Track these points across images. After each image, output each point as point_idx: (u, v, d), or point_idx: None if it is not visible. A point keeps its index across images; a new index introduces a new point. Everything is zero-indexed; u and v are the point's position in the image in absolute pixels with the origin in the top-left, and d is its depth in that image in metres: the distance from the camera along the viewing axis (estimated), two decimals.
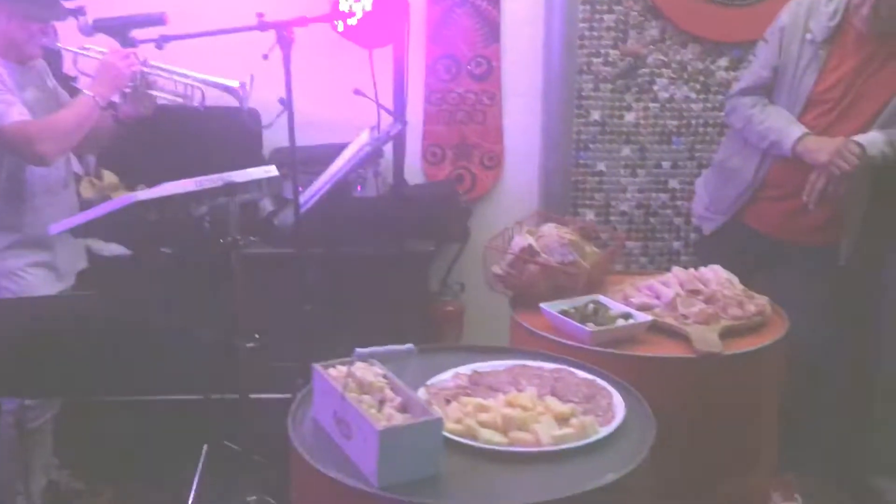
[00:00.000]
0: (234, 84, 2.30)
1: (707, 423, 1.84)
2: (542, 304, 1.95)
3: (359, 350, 1.34)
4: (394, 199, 2.88)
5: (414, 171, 3.20)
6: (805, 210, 2.40)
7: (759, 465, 2.03)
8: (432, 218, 3.00)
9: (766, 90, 2.50)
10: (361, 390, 1.40)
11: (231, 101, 2.58)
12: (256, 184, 2.28)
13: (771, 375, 1.95)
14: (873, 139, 2.35)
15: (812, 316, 2.50)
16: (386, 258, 2.83)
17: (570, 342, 1.84)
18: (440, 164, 3.23)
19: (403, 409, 1.36)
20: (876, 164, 2.35)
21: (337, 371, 1.44)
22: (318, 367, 1.46)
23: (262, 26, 2.13)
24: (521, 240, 2.06)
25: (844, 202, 2.43)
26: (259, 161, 2.98)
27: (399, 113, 2.56)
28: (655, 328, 1.92)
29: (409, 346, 1.39)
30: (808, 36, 2.39)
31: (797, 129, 2.38)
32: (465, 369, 1.65)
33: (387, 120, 2.72)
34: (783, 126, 2.40)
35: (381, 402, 1.37)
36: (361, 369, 1.43)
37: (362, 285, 2.83)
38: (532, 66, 3.12)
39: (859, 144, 2.32)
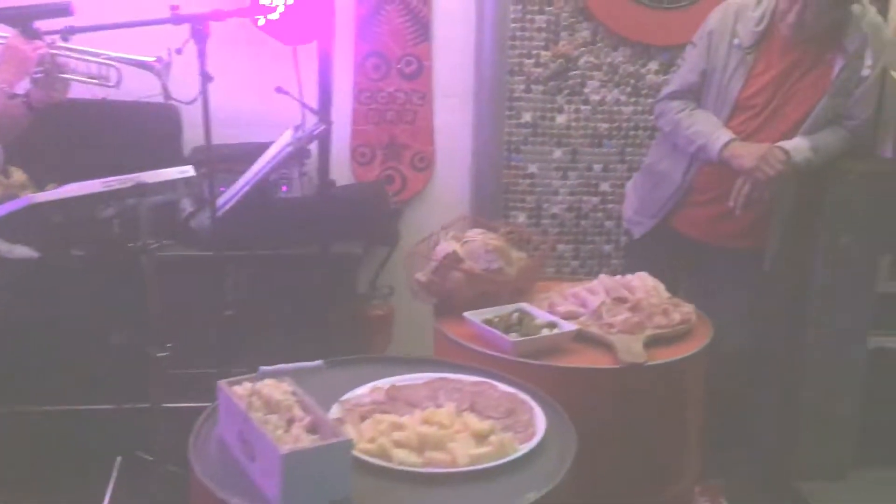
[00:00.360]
0: (151, 59, 2.19)
1: (632, 434, 1.82)
2: (465, 313, 1.90)
3: (263, 368, 1.27)
4: (320, 199, 2.79)
5: (343, 172, 3.12)
6: (731, 215, 2.41)
7: (685, 474, 2.01)
8: (361, 219, 2.92)
9: (695, 94, 2.50)
10: (268, 409, 1.32)
11: (149, 95, 2.48)
12: (171, 184, 2.17)
13: (695, 384, 1.94)
14: (798, 145, 2.36)
15: (738, 320, 2.51)
16: (312, 260, 2.75)
17: (493, 352, 1.79)
18: (369, 165, 3.15)
19: (313, 428, 1.29)
20: (800, 170, 2.38)
21: (243, 388, 1.36)
22: (223, 383, 1.37)
23: (176, 19, 2.03)
24: (446, 246, 2.00)
25: (770, 207, 2.45)
26: (179, 160, 2.87)
27: (323, 112, 2.47)
28: (581, 337, 1.88)
29: (318, 362, 1.32)
30: (736, 41, 2.39)
31: (724, 135, 2.38)
32: (383, 383, 1.58)
33: (312, 119, 2.63)
34: (710, 131, 2.40)
35: (290, 422, 1.30)
36: (269, 386, 1.35)
37: (287, 289, 2.75)
38: (463, 66, 3.07)
39: (784, 150, 2.34)
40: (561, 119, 3.08)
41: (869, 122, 2.47)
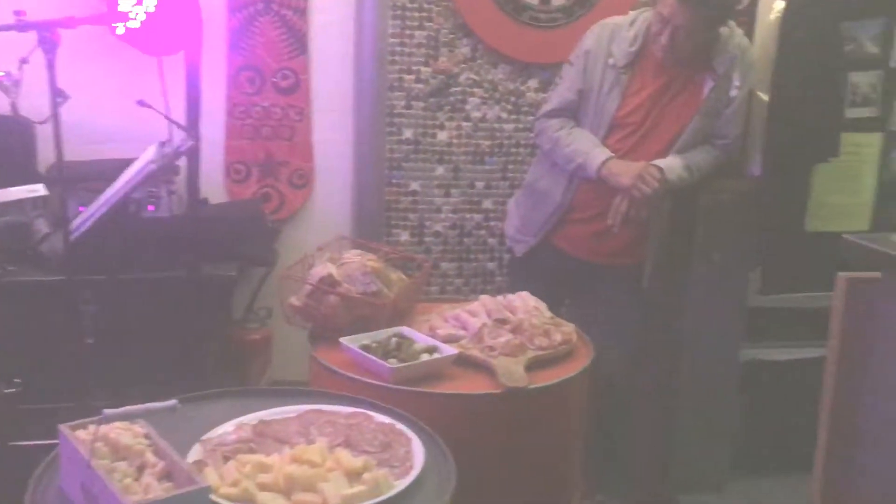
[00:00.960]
0: None
1: (514, 459, 1.78)
2: (341, 339, 1.81)
3: (107, 411, 1.14)
4: (190, 219, 2.64)
5: (216, 190, 2.97)
6: (610, 232, 2.42)
7: (569, 494, 1.99)
8: (235, 239, 2.78)
9: (573, 112, 2.50)
10: (116, 455, 1.19)
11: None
12: (18, 205, 1.99)
13: (577, 405, 1.92)
14: (672, 163, 2.40)
15: (619, 337, 2.53)
16: (182, 284, 2.59)
17: (370, 380, 1.71)
18: (245, 182, 3.02)
19: (167, 475, 1.17)
20: (674, 187, 2.41)
21: (87, 433, 1.22)
22: (64, 428, 1.23)
23: (21, 26, 1.86)
24: (321, 268, 1.91)
25: (646, 225, 2.47)
26: (34, 178, 2.66)
27: (191, 127, 2.33)
28: (462, 361, 1.82)
29: (173, 401, 1.20)
30: (611, 60, 2.41)
31: (601, 153, 2.39)
32: (251, 418, 1.47)
33: (180, 134, 2.48)
34: (588, 149, 2.41)
35: (141, 469, 1.18)
36: (118, 430, 1.23)
37: (155, 314, 2.58)
38: (342, 80, 2.98)
39: (659, 168, 2.37)
40: (442, 136, 3.04)
41: (738, 140, 2.54)
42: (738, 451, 2.87)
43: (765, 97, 2.73)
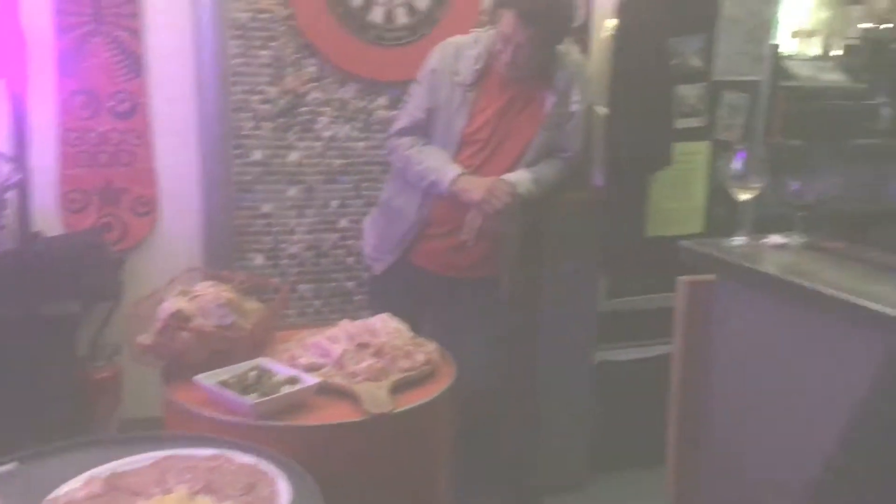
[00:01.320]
0: None
1: (384, 484, 1.76)
2: (196, 377, 1.74)
3: None
4: (23, 254, 2.47)
5: (52, 222, 2.79)
6: (466, 247, 2.46)
7: None
8: (75, 273, 2.62)
9: (423, 130, 2.53)
10: None
11: None
12: None
13: (444, 423, 1.93)
14: (520, 177, 2.48)
15: (482, 348, 2.57)
16: (18, 325, 2.42)
17: (230, 418, 1.65)
18: (83, 212, 2.85)
19: None
20: (524, 200, 2.49)
21: None
22: None
23: None
24: (171, 303, 1.82)
25: (500, 237, 2.54)
26: None
27: (18, 158, 2.18)
28: (326, 389, 1.79)
29: (11, 464, 1.11)
30: (457, 79, 2.46)
31: (452, 170, 2.43)
32: (102, 470, 1.39)
33: (7, 166, 2.32)
34: (440, 166, 2.44)
35: None
36: None
37: None
38: (184, 103, 2.87)
39: (509, 182, 2.44)
40: (293, 156, 2.99)
41: (581, 153, 2.65)
42: (596, 450, 2.98)
43: (603, 111, 2.87)
